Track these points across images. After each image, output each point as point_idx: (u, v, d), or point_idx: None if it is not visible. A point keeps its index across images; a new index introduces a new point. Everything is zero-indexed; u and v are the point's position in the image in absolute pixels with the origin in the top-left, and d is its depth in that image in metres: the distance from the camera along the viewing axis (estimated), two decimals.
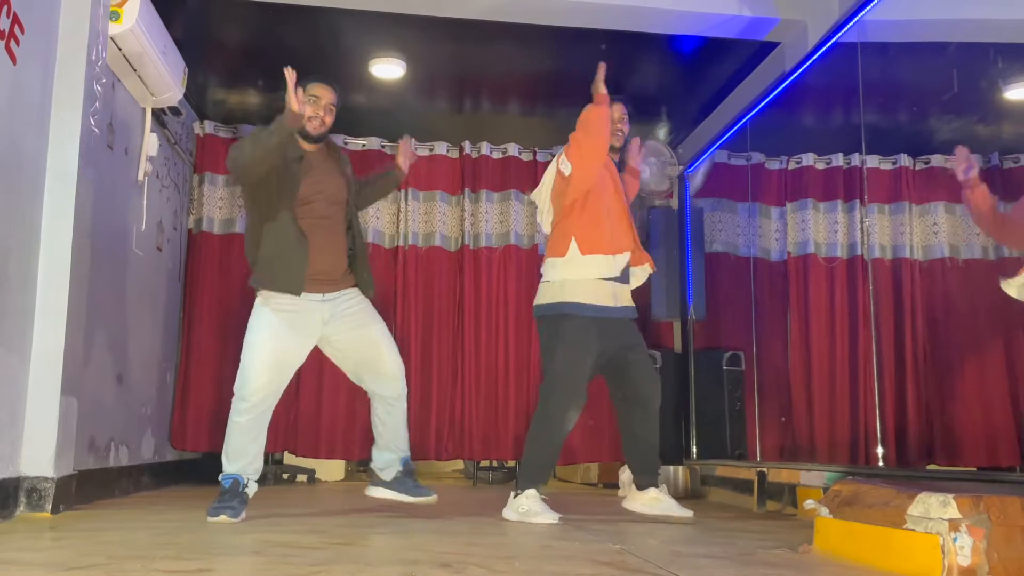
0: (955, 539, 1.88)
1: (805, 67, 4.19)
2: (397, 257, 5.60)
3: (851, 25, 3.86)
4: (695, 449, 5.09)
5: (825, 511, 2.36)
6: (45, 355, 3.12)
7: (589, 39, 4.49)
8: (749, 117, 4.84)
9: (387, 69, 4.90)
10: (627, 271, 3.40)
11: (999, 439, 5.10)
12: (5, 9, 2.84)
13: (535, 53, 4.76)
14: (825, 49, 4.02)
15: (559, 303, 3.26)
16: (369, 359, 3.22)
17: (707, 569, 2.04)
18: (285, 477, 5.67)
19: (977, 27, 4.12)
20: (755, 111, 4.75)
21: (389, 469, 3.30)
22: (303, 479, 5.71)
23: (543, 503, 3.19)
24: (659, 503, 3.41)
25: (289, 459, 5.60)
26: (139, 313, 4.52)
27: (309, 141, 3.18)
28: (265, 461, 3.44)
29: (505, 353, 5.52)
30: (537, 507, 3.16)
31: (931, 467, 5.15)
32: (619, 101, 3.39)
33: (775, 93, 4.52)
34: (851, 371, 5.34)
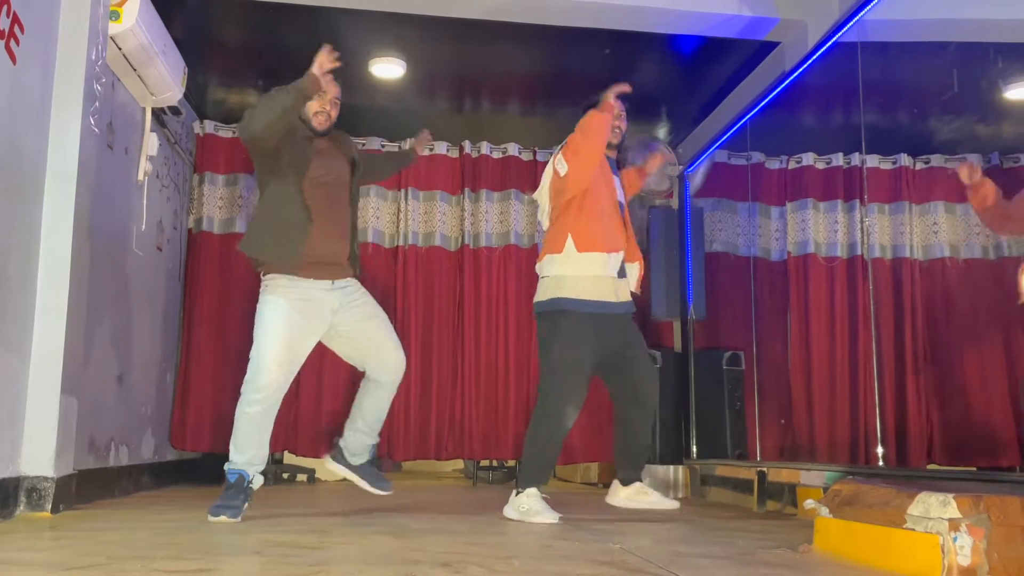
0: (955, 539, 1.88)
1: (805, 67, 4.19)
2: (397, 257, 5.60)
3: (851, 25, 3.86)
4: (695, 449, 5.09)
5: (825, 511, 2.36)
6: (45, 355, 3.12)
7: (589, 39, 4.50)
8: (749, 117, 4.84)
9: (387, 69, 4.90)
10: (622, 269, 3.42)
11: (999, 439, 5.10)
12: (5, 9, 2.84)
13: (535, 53, 4.76)
14: (825, 49, 4.02)
15: (557, 299, 3.27)
16: (374, 349, 3.26)
17: (707, 569, 2.04)
18: (285, 477, 5.67)
19: (977, 27, 4.12)
20: (755, 111, 4.75)
21: (360, 456, 3.33)
22: (303, 479, 5.71)
23: (544, 502, 3.19)
24: (645, 496, 3.42)
25: (289, 459, 5.60)
26: (139, 313, 4.51)
27: (316, 136, 3.22)
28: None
29: (505, 353, 5.52)
30: (538, 506, 3.17)
31: (931, 467, 5.15)
32: (617, 99, 3.41)
33: (775, 93, 4.51)
34: (851, 371, 5.33)
